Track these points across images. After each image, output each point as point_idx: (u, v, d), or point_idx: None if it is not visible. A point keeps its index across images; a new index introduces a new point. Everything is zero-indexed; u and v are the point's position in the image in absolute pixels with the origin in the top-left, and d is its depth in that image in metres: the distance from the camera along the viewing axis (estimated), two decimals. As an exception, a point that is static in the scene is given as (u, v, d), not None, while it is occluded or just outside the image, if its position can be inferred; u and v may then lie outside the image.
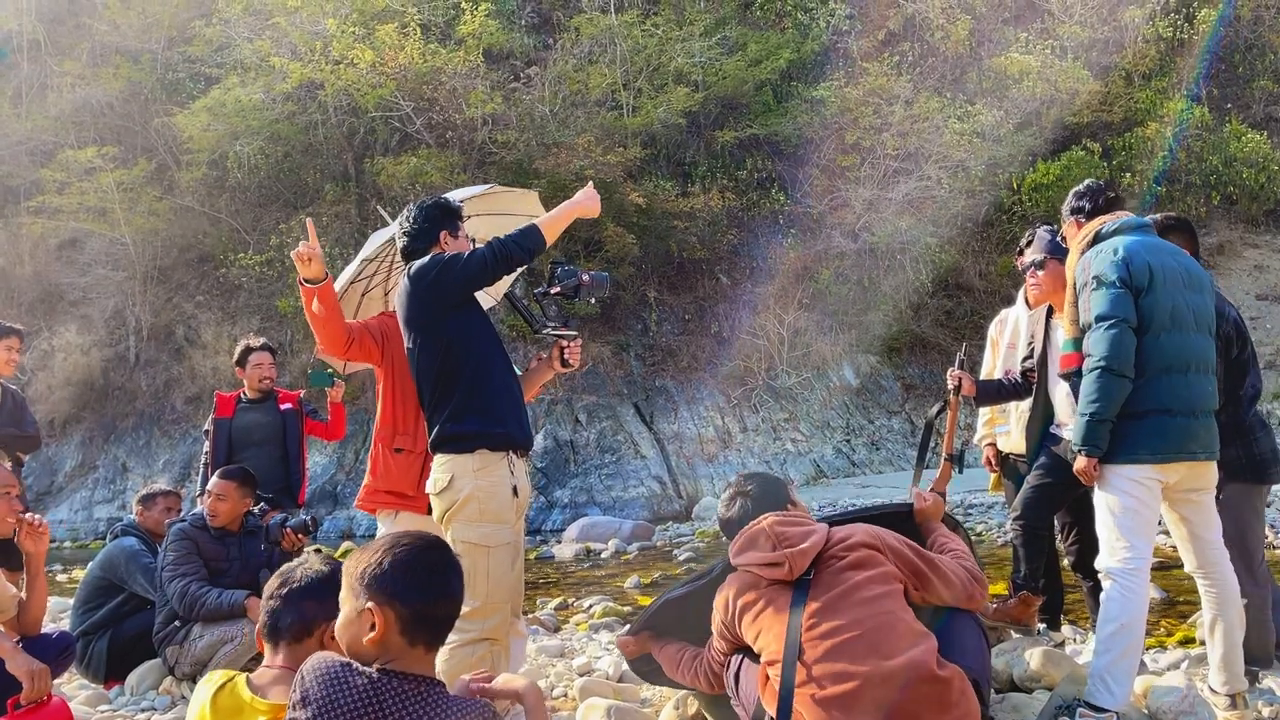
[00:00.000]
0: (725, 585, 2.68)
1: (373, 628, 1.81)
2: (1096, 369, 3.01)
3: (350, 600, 1.88)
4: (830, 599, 2.45)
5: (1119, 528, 3.02)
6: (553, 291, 3.49)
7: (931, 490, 3.43)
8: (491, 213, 4.35)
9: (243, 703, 1.99)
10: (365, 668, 1.79)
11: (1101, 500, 3.09)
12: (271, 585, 2.16)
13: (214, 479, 4.63)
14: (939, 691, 2.30)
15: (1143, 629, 3.00)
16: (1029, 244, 4.03)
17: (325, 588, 2.09)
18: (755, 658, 2.59)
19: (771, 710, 2.41)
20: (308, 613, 2.10)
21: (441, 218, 3.39)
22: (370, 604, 1.82)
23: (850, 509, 4.81)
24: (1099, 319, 3.03)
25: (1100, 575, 3.08)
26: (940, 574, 2.62)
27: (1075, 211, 3.39)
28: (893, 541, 2.64)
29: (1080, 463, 3.10)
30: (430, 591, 1.87)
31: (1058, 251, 3.84)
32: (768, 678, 2.48)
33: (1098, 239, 3.21)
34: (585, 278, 3.46)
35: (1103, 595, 3.04)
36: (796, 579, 2.52)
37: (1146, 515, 3.03)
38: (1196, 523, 3.20)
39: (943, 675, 2.32)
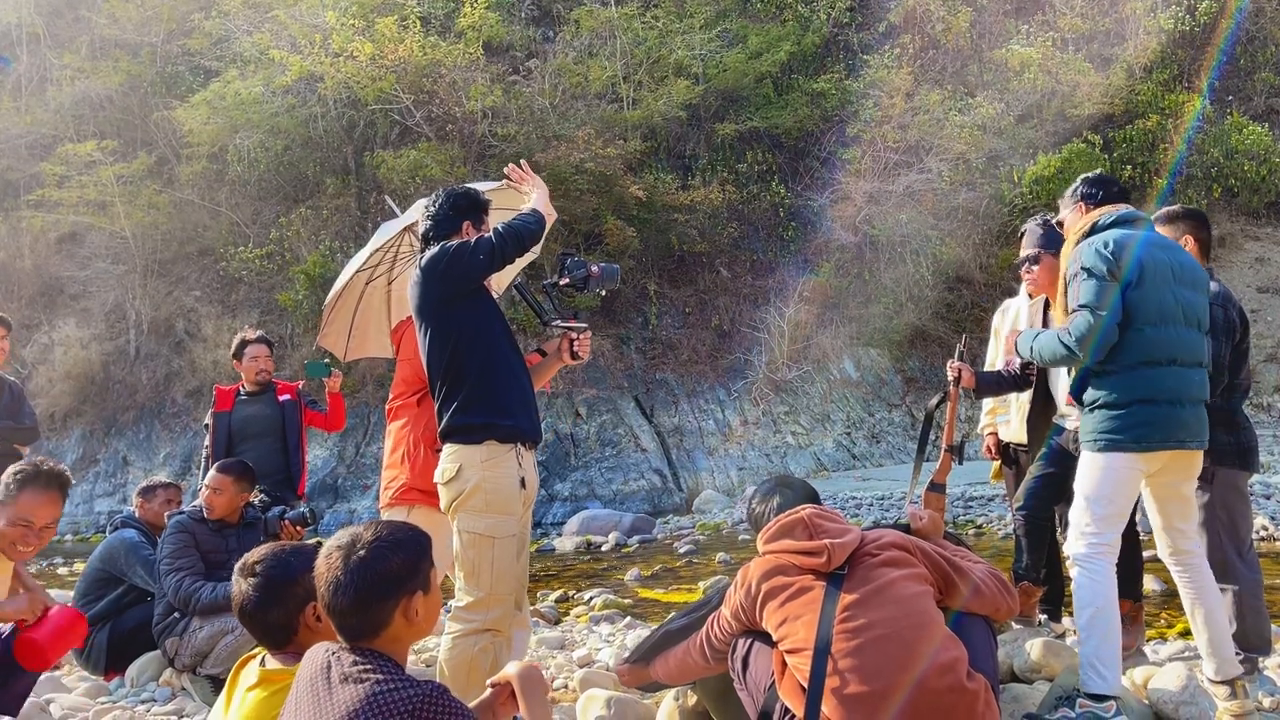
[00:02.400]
0: (750, 566, 2.66)
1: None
2: (1064, 342, 3.08)
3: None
4: (866, 593, 2.44)
5: (1090, 512, 3.06)
6: (562, 283, 3.46)
7: (932, 481, 3.43)
8: (501, 207, 4.35)
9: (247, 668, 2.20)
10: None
11: (1079, 485, 3.13)
12: (235, 607, 2.24)
13: (211, 472, 4.66)
14: (966, 702, 2.31)
15: (1116, 610, 3.03)
16: (1024, 235, 4.04)
17: (270, 595, 2.17)
18: (767, 642, 2.58)
19: (792, 703, 2.39)
20: (274, 622, 2.18)
21: (468, 209, 3.38)
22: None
23: None
24: (1081, 306, 3.07)
25: (1067, 563, 3.11)
26: (969, 582, 2.62)
27: (1085, 197, 3.39)
28: (924, 545, 2.64)
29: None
30: None
31: (1051, 245, 3.87)
32: (785, 666, 2.46)
33: (1094, 231, 3.23)
34: (595, 269, 3.44)
35: (1073, 584, 3.08)
36: (830, 571, 2.51)
37: (1120, 504, 3.08)
38: (1174, 513, 3.23)
39: (970, 687, 2.32)
